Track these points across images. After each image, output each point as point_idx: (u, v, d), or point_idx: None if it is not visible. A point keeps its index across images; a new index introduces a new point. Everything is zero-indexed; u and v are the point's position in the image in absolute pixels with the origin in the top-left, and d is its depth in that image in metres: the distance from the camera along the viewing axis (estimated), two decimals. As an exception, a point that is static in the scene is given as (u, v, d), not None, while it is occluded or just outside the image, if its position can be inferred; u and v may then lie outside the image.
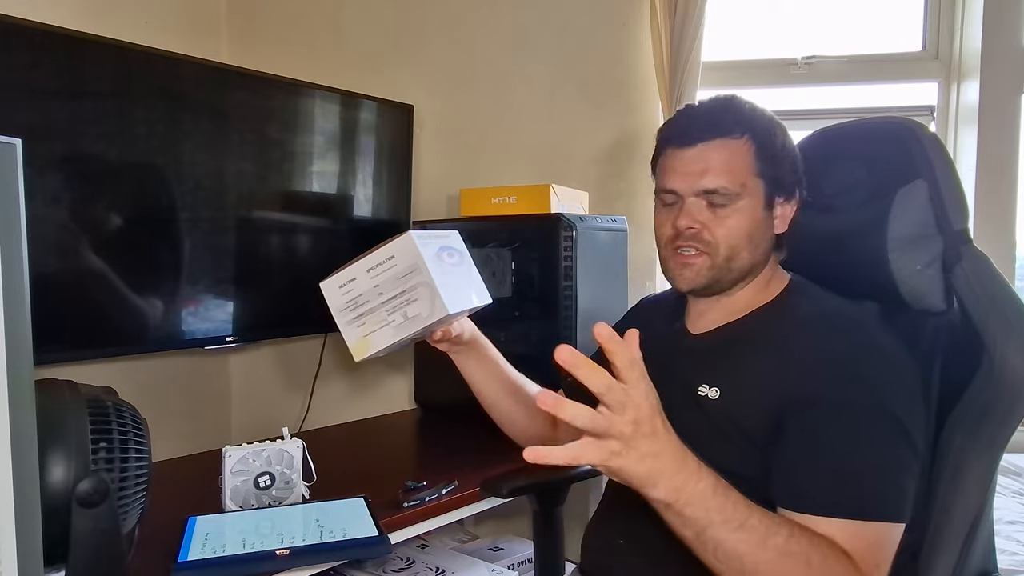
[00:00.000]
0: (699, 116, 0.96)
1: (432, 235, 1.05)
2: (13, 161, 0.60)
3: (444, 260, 1.03)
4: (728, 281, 0.96)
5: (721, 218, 0.93)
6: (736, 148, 0.93)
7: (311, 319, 1.86)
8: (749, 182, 0.93)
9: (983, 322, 0.86)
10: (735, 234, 0.93)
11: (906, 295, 0.93)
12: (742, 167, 0.93)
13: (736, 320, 0.97)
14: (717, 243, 0.94)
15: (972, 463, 0.87)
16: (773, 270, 0.99)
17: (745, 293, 0.98)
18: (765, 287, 0.98)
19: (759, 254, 0.95)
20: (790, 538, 0.74)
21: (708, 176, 0.93)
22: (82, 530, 0.80)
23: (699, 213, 0.94)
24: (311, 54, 2.07)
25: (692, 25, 1.73)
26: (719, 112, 0.95)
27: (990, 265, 0.89)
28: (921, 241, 0.91)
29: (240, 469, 1.16)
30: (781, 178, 0.95)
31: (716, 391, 0.91)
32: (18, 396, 0.60)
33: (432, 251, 1.02)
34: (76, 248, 1.40)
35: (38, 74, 1.31)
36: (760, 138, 0.93)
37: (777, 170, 0.94)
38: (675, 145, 0.96)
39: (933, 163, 0.91)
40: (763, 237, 0.95)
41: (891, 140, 0.96)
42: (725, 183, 0.92)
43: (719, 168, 0.92)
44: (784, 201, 0.96)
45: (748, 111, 0.95)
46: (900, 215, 0.92)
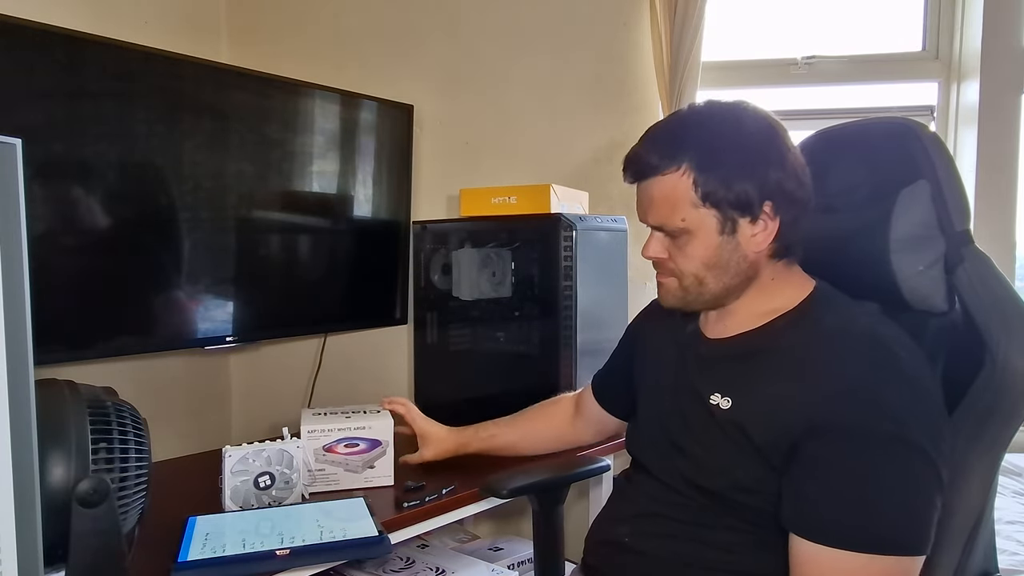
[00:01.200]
0: (642, 152, 0.93)
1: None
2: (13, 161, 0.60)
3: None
4: (704, 302, 0.95)
5: (679, 248, 0.92)
6: (672, 183, 0.89)
7: (311, 319, 1.86)
8: (691, 215, 0.89)
9: (985, 323, 0.86)
10: (692, 263, 0.92)
11: (908, 296, 0.92)
12: (679, 201, 0.89)
13: (756, 328, 0.93)
14: (680, 271, 0.94)
15: (974, 464, 0.86)
16: (778, 279, 0.94)
17: (746, 302, 0.95)
18: (772, 295, 0.94)
19: (729, 278, 0.92)
20: None
21: (651, 213, 0.93)
22: (82, 530, 0.80)
23: (660, 243, 0.94)
24: (311, 54, 2.07)
25: (692, 25, 1.73)
26: (658, 145, 0.91)
27: (992, 266, 0.89)
28: (923, 242, 0.91)
29: (240, 469, 1.17)
30: (738, 200, 0.88)
31: (728, 401, 0.90)
32: (18, 396, 0.60)
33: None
34: (76, 248, 1.40)
35: (38, 74, 1.31)
36: (702, 164, 0.88)
37: (729, 193, 0.88)
38: (627, 179, 0.96)
39: (935, 163, 0.91)
40: (729, 262, 0.91)
41: (893, 140, 0.95)
42: (663, 221, 0.92)
43: (657, 206, 0.92)
44: (753, 220, 0.89)
45: (691, 135, 0.90)
46: (902, 216, 0.91)
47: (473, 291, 1.63)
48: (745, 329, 0.94)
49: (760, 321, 0.93)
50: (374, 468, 1.30)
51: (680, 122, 0.94)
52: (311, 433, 1.26)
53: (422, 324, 1.79)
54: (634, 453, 1.07)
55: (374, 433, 1.29)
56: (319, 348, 2.02)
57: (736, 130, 0.89)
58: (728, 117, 0.91)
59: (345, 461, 1.28)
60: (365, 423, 1.29)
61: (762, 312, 0.94)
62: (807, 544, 0.80)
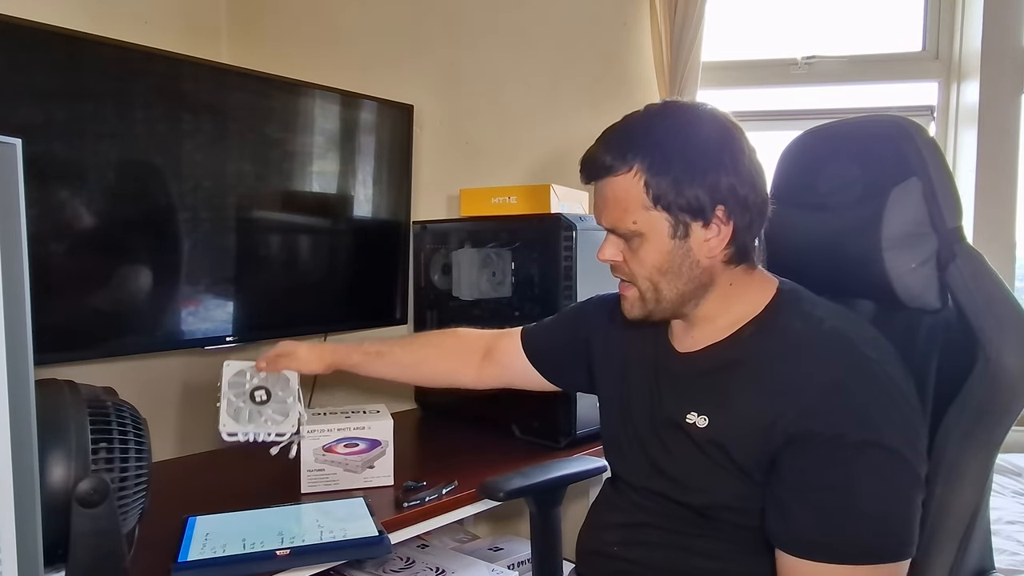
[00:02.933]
0: (596, 153, 0.91)
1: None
2: (13, 161, 0.60)
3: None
4: (664, 311, 0.93)
5: (633, 251, 0.91)
6: (624, 184, 0.88)
7: (311, 319, 1.86)
8: (642, 217, 0.88)
9: (978, 320, 0.86)
10: (645, 268, 0.90)
11: (900, 294, 0.92)
12: (631, 203, 0.88)
13: (724, 340, 0.92)
14: (635, 275, 0.92)
15: (968, 462, 0.86)
16: (737, 285, 0.92)
17: (707, 311, 0.92)
18: (733, 301, 0.92)
19: (683, 284, 0.90)
20: None
21: (603, 215, 0.92)
22: (82, 530, 0.80)
23: (615, 246, 0.93)
24: (311, 54, 2.07)
25: (692, 25, 1.73)
26: (611, 145, 0.90)
27: (984, 263, 0.89)
28: (915, 239, 0.91)
29: (237, 381, 1.18)
30: (690, 202, 0.86)
31: (704, 419, 0.88)
32: (18, 396, 0.60)
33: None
34: (76, 248, 1.40)
35: (38, 74, 1.31)
36: (653, 167, 0.86)
37: (681, 195, 0.86)
38: (582, 180, 0.95)
39: (927, 161, 0.90)
40: (682, 267, 0.89)
41: (884, 138, 0.95)
42: (615, 223, 0.90)
43: (610, 207, 0.90)
44: (706, 224, 0.87)
45: (642, 137, 0.89)
46: (894, 213, 0.91)
47: (473, 291, 1.63)
48: (713, 341, 0.92)
49: (727, 331, 0.92)
50: (374, 468, 1.30)
51: (634, 123, 0.92)
52: (311, 433, 1.26)
53: (422, 324, 1.79)
54: (615, 468, 1.06)
55: (374, 433, 1.29)
56: (319, 348, 2.02)
57: (689, 133, 0.88)
58: (682, 119, 0.89)
59: (345, 461, 1.28)
60: (365, 423, 1.29)
61: (728, 322, 0.92)
62: (789, 558, 0.80)
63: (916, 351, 0.92)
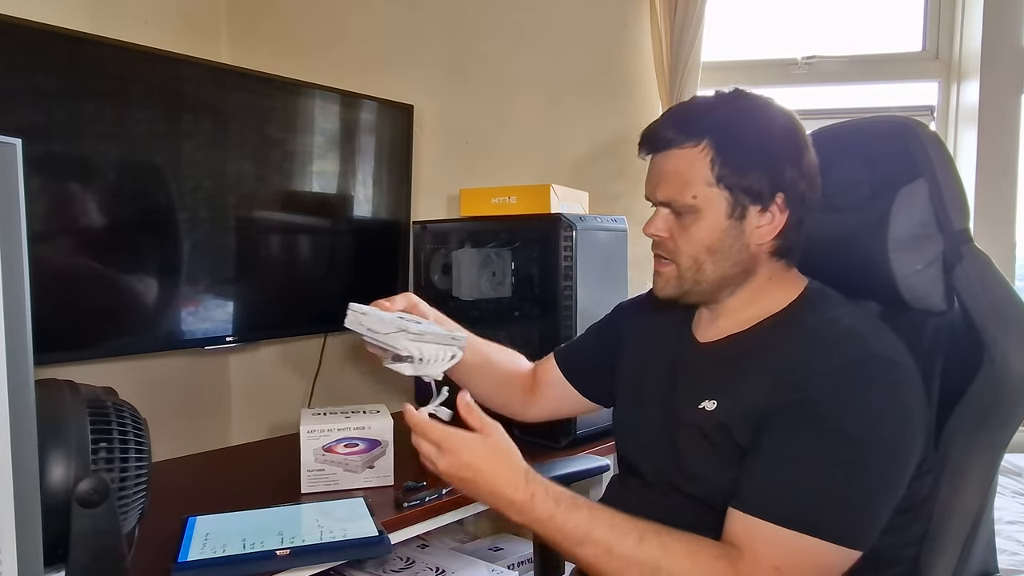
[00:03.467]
0: (663, 124, 0.92)
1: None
2: (13, 161, 0.60)
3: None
4: (700, 292, 0.93)
5: (683, 227, 0.91)
6: (689, 158, 0.88)
7: (311, 319, 1.86)
8: (703, 193, 0.88)
9: (983, 322, 0.86)
10: (694, 245, 0.90)
11: (906, 295, 0.92)
12: (694, 178, 0.88)
13: (745, 331, 0.93)
14: (679, 252, 0.92)
15: (973, 463, 0.86)
16: (774, 279, 0.94)
17: (739, 302, 0.94)
18: (765, 295, 0.93)
19: (728, 267, 0.91)
20: (637, 545, 0.79)
21: (660, 187, 0.91)
22: (82, 530, 0.80)
23: (664, 221, 0.93)
24: (311, 54, 2.07)
25: (692, 25, 1.73)
26: (681, 118, 0.91)
27: (991, 265, 0.89)
28: (922, 241, 0.91)
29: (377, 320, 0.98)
30: (752, 185, 0.88)
31: (713, 403, 0.89)
32: (18, 396, 0.60)
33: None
34: (76, 248, 1.40)
35: (38, 74, 1.31)
36: (723, 144, 0.87)
37: (744, 178, 0.87)
38: (643, 152, 0.95)
39: (934, 162, 0.91)
40: (731, 248, 0.90)
41: (892, 139, 0.95)
42: (674, 195, 0.90)
43: (669, 180, 0.90)
44: (764, 209, 0.89)
45: (715, 114, 0.90)
46: (901, 215, 0.91)
47: (473, 291, 1.63)
48: (735, 331, 0.94)
49: (749, 323, 0.93)
50: (374, 468, 1.30)
51: (705, 102, 0.93)
52: (311, 433, 1.26)
53: (422, 324, 1.79)
54: (627, 458, 1.06)
55: (374, 433, 1.29)
56: (319, 348, 2.02)
57: (760, 119, 0.90)
58: (754, 105, 0.91)
59: (345, 461, 1.28)
60: (365, 423, 1.29)
61: (753, 314, 0.93)
62: (732, 511, 0.81)
63: (921, 353, 0.92)
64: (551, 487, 0.84)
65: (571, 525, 0.81)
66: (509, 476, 0.84)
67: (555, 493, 0.84)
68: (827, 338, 0.85)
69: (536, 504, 0.83)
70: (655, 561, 0.78)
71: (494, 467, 0.85)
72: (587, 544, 0.81)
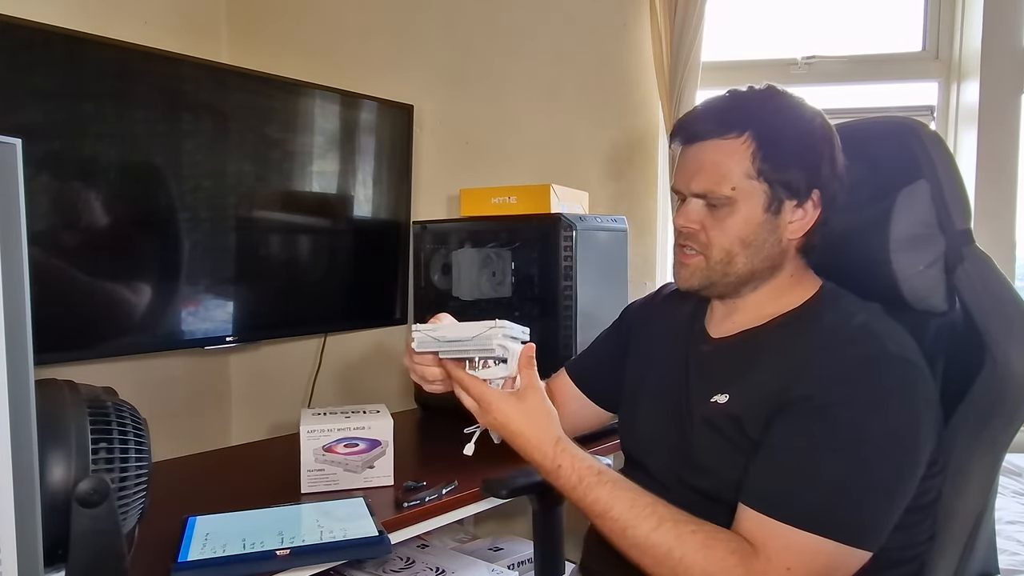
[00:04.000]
0: (702, 114, 0.92)
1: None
2: (13, 161, 0.60)
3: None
4: (726, 285, 0.93)
5: (717, 220, 0.90)
6: (730, 149, 0.88)
7: (311, 319, 1.86)
8: (743, 185, 0.88)
9: (985, 323, 0.85)
10: (728, 238, 0.90)
11: (908, 295, 0.92)
12: (735, 169, 0.88)
13: (759, 326, 0.93)
14: (711, 245, 0.91)
15: (974, 464, 0.86)
16: (795, 276, 0.94)
17: (760, 297, 0.94)
18: (785, 292, 0.93)
19: (759, 260, 0.91)
20: (653, 531, 0.80)
21: (697, 178, 0.90)
22: (82, 530, 0.80)
23: (696, 213, 0.91)
24: (311, 54, 2.07)
25: (692, 25, 1.73)
26: (722, 109, 0.91)
27: (992, 266, 0.88)
28: (923, 241, 0.91)
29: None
30: (791, 180, 0.88)
31: (725, 396, 0.89)
32: (18, 396, 0.60)
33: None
34: (76, 248, 1.40)
35: (38, 74, 1.31)
36: (764, 137, 0.87)
37: (785, 172, 0.88)
38: (677, 143, 0.94)
39: (936, 163, 0.90)
40: (765, 243, 0.90)
41: (893, 139, 0.95)
42: (712, 187, 0.89)
43: (708, 170, 0.89)
44: (799, 205, 0.89)
45: (756, 107, 0.90)
46: (902, 215, 0.91)
47: (473, 291, 1.63)
48: (750, 327, 0.93)
49: (765, 319, 0.93)
50: (374, 468, 1.30)
51: (745, 96, 0.92)
52: (311, 433, 1.26)
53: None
54: (632, 453, 1.06)
55: (374, 433, 1.29)
56: (319, 348, 2.02)
57: (800, 116, 0.90)
58: (793, 103, 0.91)
59: (345, 461, 1.28)
60: (365, 423, 1.29)
61: (770, 311, 0.93)
62: (742, 507, 0.80)
63: (923, 353, 0.92)
64: (579, 460, 0.86)
65: (590, 499, 0.84)
66: (539, 441, 0.88)
67: (580, 468, 0.86)
68: (842, 335, 0.85)
69: (561, 475, 0.86)
70: (667, 549, 0.79)
71: (525, 430, 0.89)
72: (606, 519, 0.83)
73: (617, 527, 0.82)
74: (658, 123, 1.85)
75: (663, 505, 0.83)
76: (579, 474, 0.85)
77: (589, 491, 0.84)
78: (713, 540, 0.79)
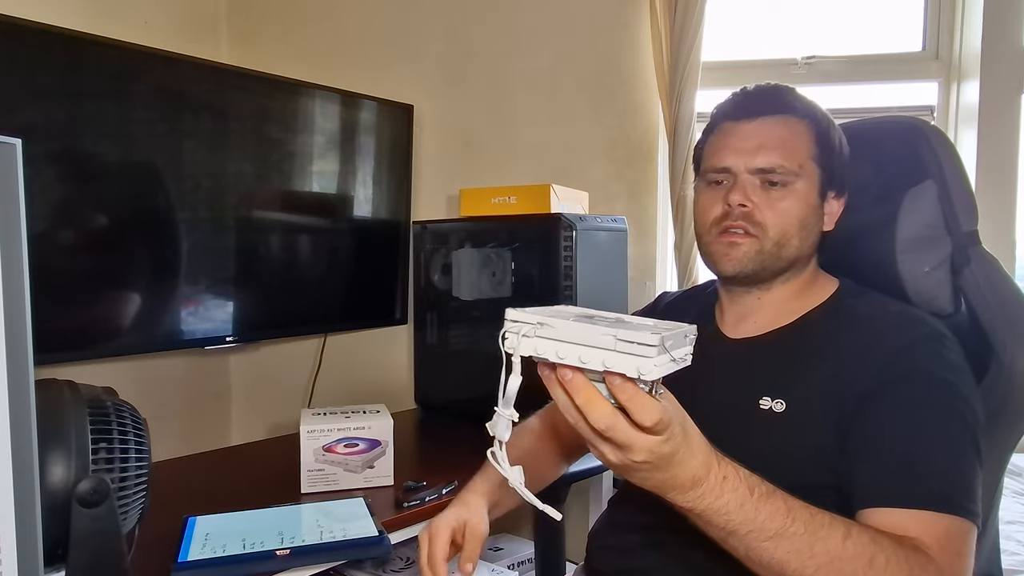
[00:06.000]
0: (760, 92, 0.92)
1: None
2: (13, 161, 0.60)
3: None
4: (774, 270, 0.90)
5: (774, 200, 0.88)
6: (797, 128, 0.90)
7: (311, 319, 1.86)
8: (806, 164, 0.89)
9: (991, 325, 0.85)
10: (787, 218, 0.88)
11: (913, 297, 0.91)
12: (801, 147, 0.89)
13: (789, 325, 0.91)
14: (767, 226, 0.88)
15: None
16: (816, 272, 0.95)
17: (784, 293, 0.92)
18: (808, 289, 0.93)
19: (807, 245, 0.90)
20: (846, 540, 0.68)
21: (764, 152, 0.88)
22: (82, 530, 0.80)
23: (752, 192, 0.88)
24: (311, 54, 2.07)
25: (692, 25, 1.73)
26: (782, 92, 0.92)
27: (999, 268, 0.88)
28: (930, 243, 0.90)
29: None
30: (835, 171, 0.91)
31: (781, 404, 0.85)
32: (18, 396, 0.60)
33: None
34: (76, 248, 1.40)
35: (38, 74, 1.31)
36: (820, 125, 0.90)
37: (833, 162, 0.91)
38: (732, 119, 0.92)
39: (943, 164, 0.90)
40: (814, 228, 0.90)
41: (900, 140, 0.94)
42: (782, 161, 0.87)
43: (777, 144, 0.88)
44: (835, 197, 0.92)
45: (805, 99, 0.93)
46: (909, 216, 0.91)
47: (473, 291, 1.63)
48: (777, 326, 0.91)
49: (792, 316, 0.91)
50: (374, 468, 1.30)
51: (789, 87, 0.94)
52: (311, 433, 1.26)
53: (422, 324, 1.79)
54: None
55: (374, 433, 1.29)
56: (319, 348, 2.02)
57: (832, 119, 0.94)
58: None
59: (345, 461, 1.28)
60: (365, 423, 1.29)
61: (794, 308, 0.92)
62: (860, 514, 0.75)
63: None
64: (740, 468, 0.69)
65: (764, 515, 0.67)
66: (704, 456, 0.67)
67: (747, 477, 0.69)
68: (891, 322, 0.84)
69: (727, 488, 0.67)
70: (868, 556, 0.67)
71: (685, 456, 0.66)
72: (782, 538, 0.67)
73: (803, 544, 0.67)
74: (658, 123, 1.85)
75: (818, 510, 0.70)
76: (748, 484, 0.67)
77: (763, 504, 0.67)
78: (898, 543, 0.71)
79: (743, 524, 0.67)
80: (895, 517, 0.73)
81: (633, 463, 0.62)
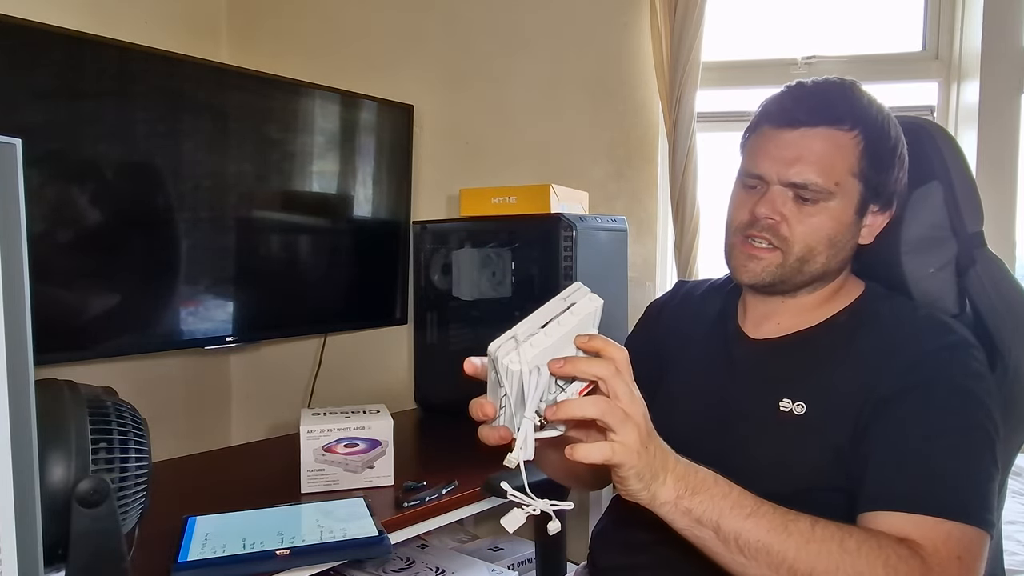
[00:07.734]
0: (808, 97, 0.86)
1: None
2: (13, 161, 0.60)
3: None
4: (795, 283, 0.88)
5: (805, 215, 0.84)
6: (841, 141, 0.83)
7: (311, 319, 1.86)
8: (845, 182, 0.84)
9: (996, 326, 0.85)
10: (816, 235, 0.84)
11: (918, 298, 0.91)
12: (841, 164, 0.83)
13: (813, 327, 0.89)
14: (793, 241, 0.85)
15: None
16: (846, 278, 0.92)
17: (813, 299, 0.90)
18: (836, 294, 0.91)
19: (836, 262, 0.87)
20: (815, 523, 0.69)
21: (799, 167, 0.83)
22: (82, 530, 0.80)
23: (782, 204, 0.85)
24: (311, 54, 2.07)
25: (692, 25, 1.73)
26: (833, 96, 0.85)
27: (1005, 269, 0.88)
28: (935, 244, 0.90)
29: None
30: (883, 185, 0.85)
31: (802, 406, 0.84)
32: (18, 396, 0.60)
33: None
34: (76, 248, 1.40)
35: (38, 74, 1.31)
36: (872, 136, 0.84)
37: (881, 175, 0.85)
38: (773, 124, 0.87)
39: (948, 164, 0.90)
40: (846, 244, 0.87)
41: (906, 140, 0.94)
42: (817, 178, 0.83)
43: (814, 160, 0.83)
44: (878, 211, 0.87)
45: (865, 103, 0.86)
46: (914, 217, 0.91)
47: (473, 291, 1.63)
48: (802, 327, 0.90)
49: (818, 319, 0.89)
50: (374, 468, 1.30)
51: (848, 89, 0.87)
52: (311, 433, 1.26)
53: (422, 324, 1.79)
54: None
55: (374, 433, 1.29)
56: (319, 348, 2.02)
57: (895, 124, 0.87)
58: (885, 108, 0.88)
59: (345, 461, 1.28)
60: (365, 423, 1.29)
61: (821, 312, 0.90)
62: (868, 515, 0.74)
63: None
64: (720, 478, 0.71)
65: (737, 493, 0.70)
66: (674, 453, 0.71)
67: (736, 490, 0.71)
68: (916, 327, 0.83)
69: (698, 466, 0.71)
70: (838, 538, 0.69)
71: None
72: (759, 516, 0.69)
73: (775, 521, 0.69)
74: (658, 123, 1.85)
75: (804, 517, 0.70)
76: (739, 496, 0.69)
77: (733, 485, 0.70)
78: (871, 532, 0.72)
79: (725, 498, 0.69)
80: (895, 520, 0.73)
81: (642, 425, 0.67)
